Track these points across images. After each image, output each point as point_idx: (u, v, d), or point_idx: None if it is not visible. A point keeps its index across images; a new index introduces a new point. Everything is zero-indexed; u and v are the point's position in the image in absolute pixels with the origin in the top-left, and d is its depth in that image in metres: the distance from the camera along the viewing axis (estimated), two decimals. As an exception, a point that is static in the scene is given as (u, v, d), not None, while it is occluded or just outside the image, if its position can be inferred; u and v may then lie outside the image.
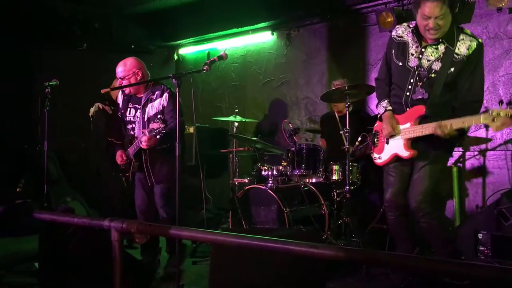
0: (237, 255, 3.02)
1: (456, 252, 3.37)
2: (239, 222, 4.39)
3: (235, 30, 6.34)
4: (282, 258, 2.94)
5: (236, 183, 4.86)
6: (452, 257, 3.18)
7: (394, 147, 3.20)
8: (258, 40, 6.41)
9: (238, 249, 2.90)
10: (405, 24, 3.22)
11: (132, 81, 3.95)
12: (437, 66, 3.01)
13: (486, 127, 4.61)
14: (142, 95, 4.01)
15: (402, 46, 3.15)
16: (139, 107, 4.03)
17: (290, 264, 2.93)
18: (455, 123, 2.84)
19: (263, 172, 4.48)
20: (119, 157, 4.11)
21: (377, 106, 3.36)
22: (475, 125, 4.67)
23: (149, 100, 3.98)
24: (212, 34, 6.65)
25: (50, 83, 4.30)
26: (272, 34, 6.22)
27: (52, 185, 5.56)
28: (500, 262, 3.59)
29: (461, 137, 3.07)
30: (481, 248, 3.73)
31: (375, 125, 3.46)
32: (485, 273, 1.36)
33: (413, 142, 3.10)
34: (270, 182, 4.34)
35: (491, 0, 4.31)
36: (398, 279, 3.35)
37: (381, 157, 3.31)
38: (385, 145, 3.27)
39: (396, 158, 3.21)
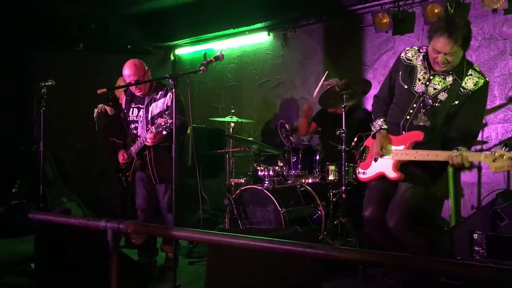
0: (233, 255, 3.03)
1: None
2: (235, 223, 4.39)
3: (231, 30, 6.34)
4: (278, 258, 2.94)
5: (233, 183, 4.86)
6: None
7: (381, 166, 3.16)
8: (255, 40, 6.42)
9: (234, 250, 2.90)
10: (416, 47, 3.17)
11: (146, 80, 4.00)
12: (443, 96, 2.99)
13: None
14: (146, 94, 4.06)
15: (410, 69, 3.11)
16: (142, 106, 4.07)
17: (286, 265, 2.94)
18: (464, 156, 2.78)
19: (259, 173, 4.49)
20: (121, 156, 4.13)
21: (371, 123, 3.33)
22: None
23: (153, 100, 4.03)
24: (208, 35, 6.66)
25: (46, 84, 4.29)
26: (269, 34, 6.23)
27: (48, 185, 5.55)
28: (495, 262, 3.60)
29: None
30: (476, 248, 3.74)
31: (366, 141, 3.45)
32: (481, 273, 1.36)
33: (402, 165, 3.08)
34: (267, 182, 4.34)
35: (486, 1, 4.34)
36: (393, 279, 3.36)
37: (366, 172, 3.28)
38: (373, 162, 3.23)
39: (381, 177, 3.17)
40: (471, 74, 2.97)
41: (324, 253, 1.65)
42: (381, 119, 3.23)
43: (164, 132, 3.72)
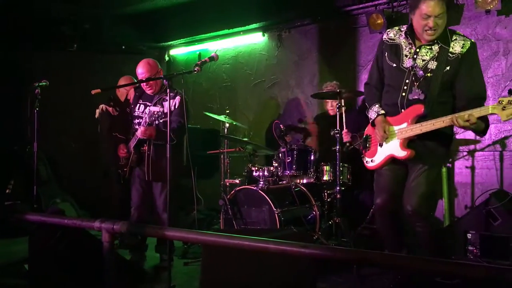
0: (228, 256, 3.03)
1: (445, 255, 3.38)
2: (230, 223, 4.39)
3: (226, 31, 6.34)
4: (273, 258, 2.95)
5: (227, 183, 4.86)
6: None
7: (389, 149, 3.15)
8: (249, 41, 6.42)
9: (229, 250, 2.90)
10: (396, 28, 3.22)
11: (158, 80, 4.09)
12: (432, 65, 3.01)
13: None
14: (156, 93, 4.12)
15: (395, 48, 3.15)
16: (149, 104, 4.13)
17: (281, 265, 2.94)
18: (470, 116, 2.77)
19: (254, 173, 4.49)
20: (121, 149, 4.19)
21: (367, 111, 3.33)
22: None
23: (161, 100, 4.07)
24: (203, 35, 6.65)
25: (40, 84, 4.28)
26: (263, 35, 6.23)
27: (42, 186, 5.53)
28: (489, 262, 3.63)
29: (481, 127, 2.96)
30: (470, 247, 3.77)
31: (366, 129, 3.45)
32: (474, 272, 1.37)
33: (410, 142, 3.07)
34: (261, 182, 4.34)
35: (479, 2, 4.36)
36: (388, 279, 3.37)
37: (374, 160, 3.26)
38: (379, 148, 3.23)
39: (391, 160, 3.16)
40: (456, 39, 3.00)
41: (319, 253, 1.66)
42: (377, 105, 3.24)
43: (157, 122, 3.79)
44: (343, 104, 4.16)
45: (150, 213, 4.27)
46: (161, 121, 3.92)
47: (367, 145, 3.34)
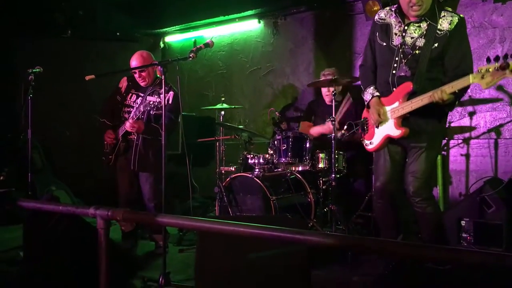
0: (223, 243, 3.03)
1: (444, 239, 3.41)
2: (225, 210, 4.40)
3: (221, 18, 6.29)
4: (268, 245, 2.95)
5: (223, 171, 4.86)
6: (439, 243, 3.23)
7: (385, 129, 3.20)
8: (245, 28, 6.38)
9: (224, 237, 2.91)
10: (387, 8, 3.26)
11: (150, 72, 4.16)
12: (420, 42, 3.03)
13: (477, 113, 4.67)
14: (149, 85, 4.16)
15: (385, 27, 3.18)
16: (142, 94, 4.16)
17: (275, 251, 2.95)
18: (447, 89, 2.85)
19: (249, 160, 4.49)
20: (108, 135, 4.19)
21: (363, 93, 3.37)
22: (460, 113, 4.72)
23: (154, 92, 4.09)
24: (198, 22, 6.60)
25: (34, 70, 4.24)
26: (259, 22, 6.19)
27: (36, 174, 5.51)
28: (482, 249, 3.65)
29: (455, 101, 3.04)
30: (464, 235, 3.79)
31: (363, 112, 3.47)
32: (466, 258, 1.38)
33: (403, 120, 3.10)
34: (257, 170, 4.35)
35: (476, -11, 4.34)
36: (382, 265, 3.39)
37: (373, 142, 3.30)
38: (375, 129, 3.27)
39: (389, 140, 3.20)
40: (444, 16, 3.01)
41: (313, 240, 1.66)
42: (371, 87, 3.27)
43: (152, 112, 3.84)
44: (341, 90, 4.16)
45: (137, 202, 4.29)
46: (154, 112, 3.95)
47: (365, 127, 3.37)
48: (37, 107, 4.30)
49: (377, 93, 3.22)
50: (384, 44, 3.17)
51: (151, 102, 3.78)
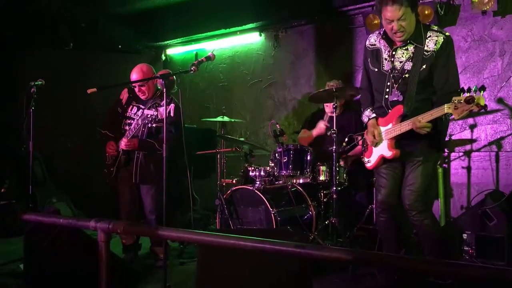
0: (224, 256, 3.02)
1: (445, 252, 3.40)
2: (226, 223, 4.39)
3: (222, 31, 6.34)
4: (269, 258, 2.94)
5: (224, 183, 4.85)
6: (441, 257, 3.22)
7: (380, 149, 3.27)
8: (246, 41, 6.41)
9: (225, 250, 2.90)
10: (376, 32, 3.31)
11: (151, 86, 4.16)
12: (409, 66, 3.08)
13: (471, 128, 4.68)
14: (149, 98, 4.17)
15: (375, 53, 3.23)
16: (143, 107, 4.17)
17: (277, 265, 2.94)
18: (425, 117, 2.92)
19: (250, 173, 4.48)
20: (109, 146, 4.19)
21: (361, 115, 3.43)
22: (460, 126, 4.73)
23: (156, 104, 4.08)
24: (199, 35, 6.64)
25: (36, 83, 4.25)
26: (260, 35, 6.23)
27: (37, 186, 5.51)
28: (484, 262, 3.64)
29: (439, 131, 3.09)
30: (465, 248, 3.78)
31: (365, 133, 3.50)
32: (468, 272, 1.37)
33: (396, 142, 3.16)
34: (258, 182, 4.34)
35: (475, 3, 4.37)
36: (383, 279, 3.38)
37: (370, 160, 3.36)
38: (373, 148, 3.33)
39: (384, 160, 3.26)
40: (430, 36, 3.04)
41: (315, 253, 1.65)
42: (368, 109, 3.33)
43: (149, 125, 3.87)
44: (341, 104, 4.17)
45: (138, 215, 4.30)
46: (154, 125, 3.97)
47: (365, 146, 3.44)
48: (38, 119, 4.32)
49: (373, 115, 3.29)
50: (376, 70, 3.23)
51: (148, 116, 3.80)
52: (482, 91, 2.75)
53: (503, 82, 4.53)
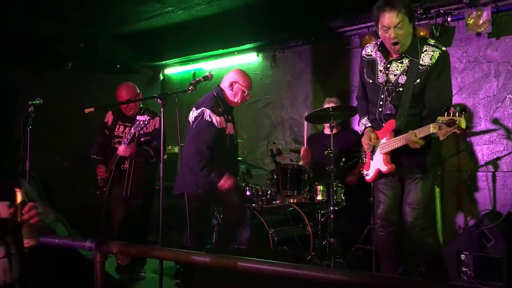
0: (220, 276, 3.00)
1: (444, 272, 3.37)
2: (223, 243, 4.35)
3: (220, 51, 6.39)
4: (266, 279, 2.92)
5: (221, 203, 4.83)
6: (440, 276, 3.19)
7: (376, 163, 3.23)
8: (244, 61, 6.46)
9: (221, 270, 2.88)
10: (373, 42, 3.31)
11: (137, 102, 4.39)
12: (403, 79, 3.06)
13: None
14: (135, 115, 4.30)
15: (371, 64, 3.22)
16: (129, 124, 4.30)
17: (273, 285, 2.91)
18: (419, 133, 2.87)
19: (247, 192, 4.47)
20: (100, 169, 4.32)
21: (358, 123, 3.41)
22: (457, 147, 4.75)
23: (146, 112, 4.20)
24: (197, 55, 6.69)
25: (34, 102, 4.26)
26: (258, 55, 6.28)
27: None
28: (482, 283, 3.62)
29: (431, 145, 3.05)
30: (463, 268, 3.76)
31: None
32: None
33: (392, 157, 3.12)
34: (255, 202, 4.33)
35: (470, 25, 4.43)
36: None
37: (368, 173, 3.33)
38: (371, 162, 3.30)
39: (380, 174, 3.23)
40: (426, 50, 3.02)
41: (312, 274, 1.64)
42: (365, 118, 3.31)
43: (142, 132, 4.06)
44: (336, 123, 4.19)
45: (131, 231, 4.32)
46: (142, 139, 4.18)
47: (364, 159, 3.40)
48: (36, 138, 4.32)
49: (369, 124, 3.27)
50: (371, 81, 3.21)
51: (141, 122, 3.98)
52: (464, 113, 2.71)
53: (499, 103, 4.56)
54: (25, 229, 1.97)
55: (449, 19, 4.68)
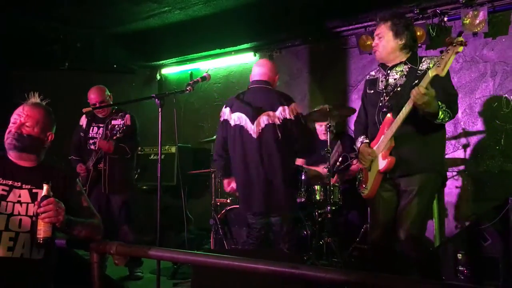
0: (218, 276, 2.99)
1: (439, 272, 3.35)
2: (221, 243, 4.36)
3: (217, 51, 6.38)
4: (264, 279, 2.92)
5: (218, 203, 4.83)
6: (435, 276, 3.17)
7: (375, 167, 3.17)
8: (241, 61, 6.46)
9: (219, 270, 2.87)
10: (376, 68, 3.38)
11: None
12: (402, 81, 3.10)
13: (465, 146, 4.71)
14: (106, 117, 4.53)
15: (373, 80, 3.29)
16: (102, 125, 4.51)
17: (271, 285, 2.92)
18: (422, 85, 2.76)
19: (245, 193, 4.46)
20: (79, 169, 4.45)
21: (355, 145, 3.39)
22: (453, 146, 4.76)
23: (112, 120, 4.42)
24: (194, 55, 6.69)
25: (30, 102, 4.27)
26: (255, 55, 6.28)
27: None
28: (479, 282, 3.62)
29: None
30: (460, 268, 3.76)
31: (356, 165, 3.49)
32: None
33: (390, 152, 3.04)
34: (252, 202, 4.32)
35: (467, 25, 4.44)
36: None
37: (367, 186, 3.22)
38: (369, 173, 3.23)
39: (380, 180, 3.13)
40: (424, 60, 3.10)
41: (309, 274, 1.64)
42: (362, 136, 3.31)
43: (118, 135, 4.19)
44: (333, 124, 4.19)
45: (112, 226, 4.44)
46: (119, 135, 4.26)
47: (361, 177, 3.32)
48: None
49: (366, 140, 3.25)
50: (372, 91, 3.26)
51: (116, 126, 4.15)
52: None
53: (495, 103, 4.57)
54: (39, 221, 2.16)
55: (445, 19, 4.70)
